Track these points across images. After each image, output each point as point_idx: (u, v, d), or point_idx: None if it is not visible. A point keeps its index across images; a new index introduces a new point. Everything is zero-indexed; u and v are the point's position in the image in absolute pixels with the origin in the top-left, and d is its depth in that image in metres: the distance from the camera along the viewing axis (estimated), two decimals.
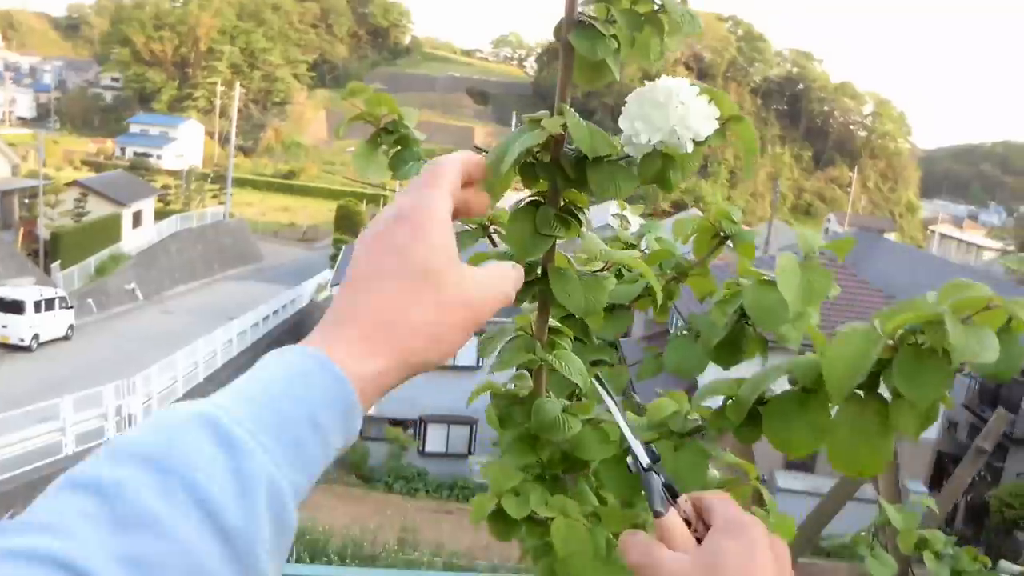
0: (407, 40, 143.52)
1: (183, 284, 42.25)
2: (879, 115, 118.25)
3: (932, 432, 25.51)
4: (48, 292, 29.52)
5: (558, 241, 1.19)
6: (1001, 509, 23.26)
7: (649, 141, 1.02)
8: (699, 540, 0.83)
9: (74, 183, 44.10)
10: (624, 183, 1.08)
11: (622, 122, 1.05)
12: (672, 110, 1.01)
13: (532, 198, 1.18)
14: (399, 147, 1.52)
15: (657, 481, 0.90)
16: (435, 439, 25.48)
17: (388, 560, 14.37)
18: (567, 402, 1.44)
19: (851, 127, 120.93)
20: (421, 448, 25.42)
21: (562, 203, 1.17)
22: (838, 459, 1.11)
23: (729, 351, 1.48)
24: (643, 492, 0.91)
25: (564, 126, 1.05)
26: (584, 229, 1.21)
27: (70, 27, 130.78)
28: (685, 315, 1.66)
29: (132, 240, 41.63)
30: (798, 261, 1.22)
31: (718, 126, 1.05)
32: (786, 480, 22.34)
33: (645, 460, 0.93)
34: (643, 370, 1.72)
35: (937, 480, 26.86)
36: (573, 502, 1.49)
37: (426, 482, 24.04)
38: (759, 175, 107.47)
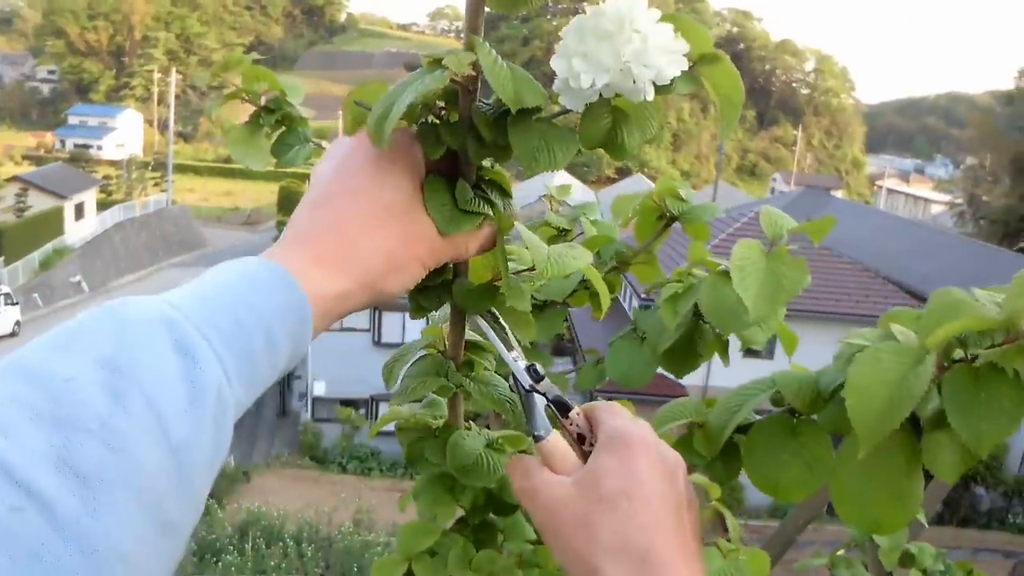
0: (342, 18, 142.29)
1: (129, 274, 41.78)
2: (821, 71, 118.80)
3: None
4: None
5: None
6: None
7: (593, 85, 0.72)
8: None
9: (14, 178, 43.34)
10: (561, 148, 0.77)
11: (555, 62, 0.74)
12: (624, 42, 0.71)
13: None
14: (282, 128, 1.33)
15: (539, 403, 0.83)
16: None
17: (344, 542, 14.39)
18: (489, 434, 1.14)
19: (794, 85, 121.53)
20: None
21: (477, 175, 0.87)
22: (847, 508, 0.84)
23: (682, 356, 1.28)
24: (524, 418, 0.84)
25: (475, 66, 0.75)
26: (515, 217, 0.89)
27: (2, 21, 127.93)
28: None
29: (75, 232, 41.05)
30: (761, 250, 0.99)
31: (687, 66, 0.75)
32: None
33: (527, 381, 0.85)
34: (581, 379, 1.48)
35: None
36: (504, 559, 1.23)
37: (380, 461, 24.00)
38: (703, 136, 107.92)
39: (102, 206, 46.08)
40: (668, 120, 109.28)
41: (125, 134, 76.27)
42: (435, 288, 0.91)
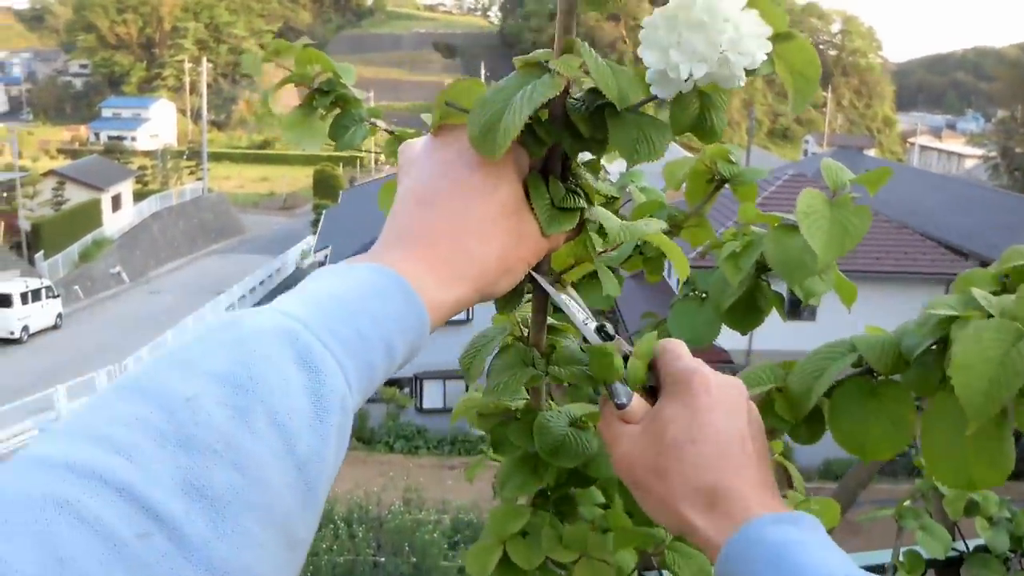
0: (370, 1, 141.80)
1: (168, 263, 42.08)
2: (847, 32, 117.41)
3: None
4: (34, 283, 29.36)
5: None
6: None
7: (690, 76, 0.74)
8: None
9: (50, 172, 43.71)
10: (658, 138, 0.79)
11: (646, 54, 0.76)
12: (718, 32, 0.74)
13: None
14: (338, 109, 1.34)
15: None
16: (432, 395, 25.40)
17: (395, 521, 14.40)
18: (572, 412, 1.15)
19: (820, 47, 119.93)
20: (419, 405, 25.46)
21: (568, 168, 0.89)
22: (941, 468, 0.87)
23: (744, 313, 1.30)
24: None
25: (584, 68, 0.77)
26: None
27: (35, 19, 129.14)
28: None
29: (113, 224, 41.38)
30: (825, 199, 1.01)
31: (770, 48, 0.77)
32: None
33: (598, 343, 0.87)
34: (642, 345, 1.36)
35: None
36: (594, 534, 1.22)
37: (426, 439, 24.08)
38: (733, 103, 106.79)
39: (138, 197, 46.40)
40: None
41: (158, 124, 76.77)
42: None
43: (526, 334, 1.04)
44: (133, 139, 72.98)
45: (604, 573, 1.18)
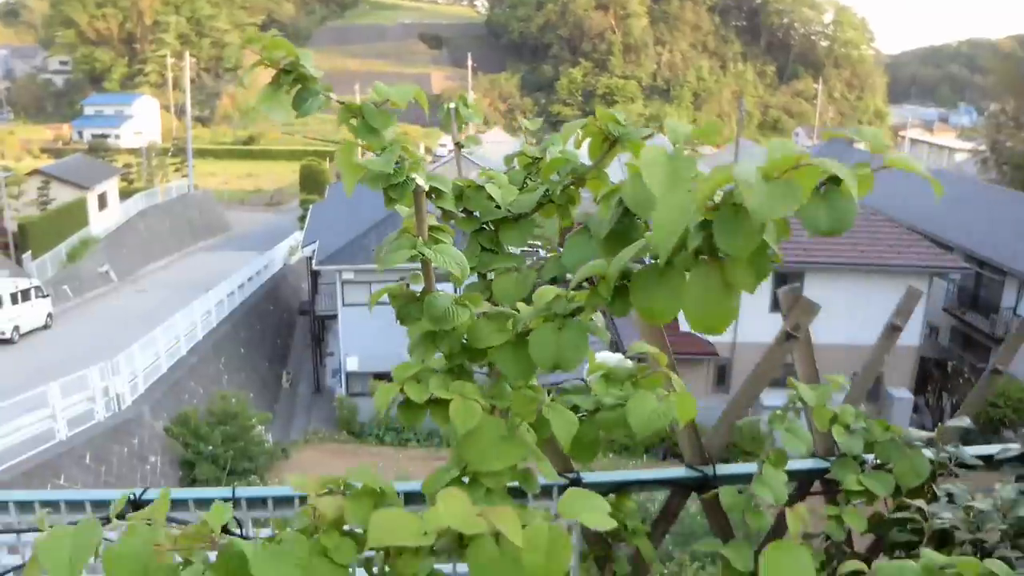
0: None
1: (155, 261, 42.13)
2: (840, 23, 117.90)
3: (914, 338, 25.96)
4: (23, 283, 29.38)
5: None
6: (987, 409, 23.60)
7: None
8: None
9: (35, 172, 43.62)
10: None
11: None
12: None
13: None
14: (299, 86, 1.66)
15: None
16: None
17: None
18: (457, 295, 1.66)
19: (813, 38, 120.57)
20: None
21: None
22: (692, 319, 1.25)
23: (616, 241, 1.55)
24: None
25: None
26: None
27: (9, 14, 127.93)
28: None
29: (100, 223, 41.37)
30: (665, 152, 1.29)
31: None
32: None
33: None
34: (546, 270, 1.85)
35: (921, 385, 27.28)
36: (473, 386, 1.63)
37: (416, 431, 24.26)
38: (723, 94, 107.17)
39: (124, 195, 46.39)
40: (687, 79, 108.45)
41: (142, 121, 76.61)
42: None
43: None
44: (117, 137, 72.86)
45: (475, 409, 1.57)
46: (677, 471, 2.65)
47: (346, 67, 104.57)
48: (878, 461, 2.50)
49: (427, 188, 1.71)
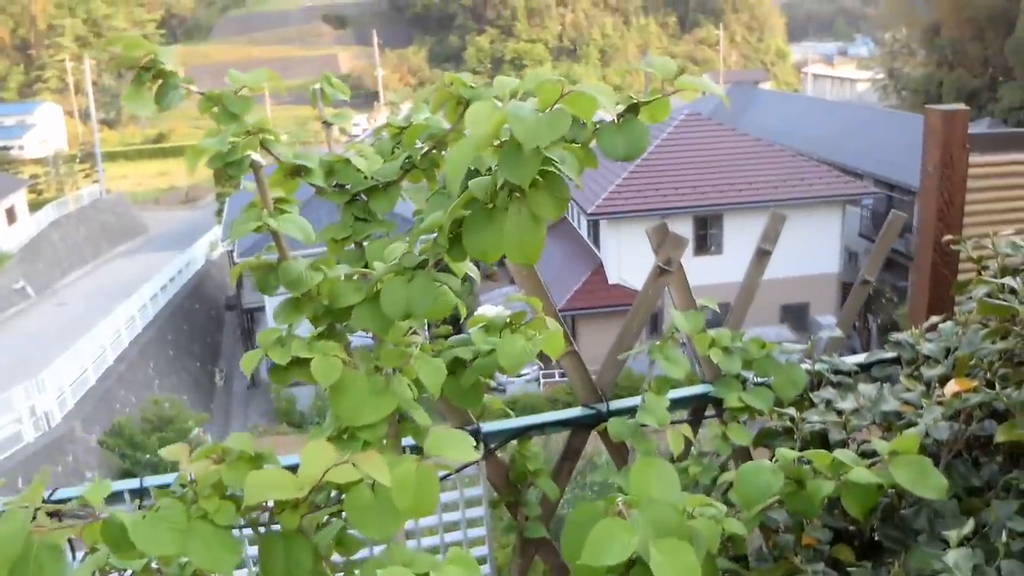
0: None
1: (73, 272, 41.28)
2: None
3: (834, 266, 26.54)
4: None
5: None
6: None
7: None
8: None
9: None
10: None
11: None
12: None
13: None
14: (160, 80, 1.74)
15: None
16: None
17: None
18: (310, 262, 1.79)
19: None
20: None
21: None
22: (510, 251, 1.40)
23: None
24: None
25: None
26: None
27: None
28: None
29: (11, 238, 40.35)
30: (493, 104, 1.38)
31: None
32: None
33: None
34: (413, 233, 1.97)
35: None
36: (335, 344, 1.75)
37: None
38: (629, 49, 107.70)
39: (34, 207, 45.29)
40: (593, 37, 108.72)
41: (46, 129, 74.49)
42: None
43: None
44: (21, 147, 70.73)
45: (335, 365, 1.67)
46: (574, 411, 2.77)
47: (250, 56, 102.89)
48: (758, 379, 2.65)
49: (293, 165, 1.83)
